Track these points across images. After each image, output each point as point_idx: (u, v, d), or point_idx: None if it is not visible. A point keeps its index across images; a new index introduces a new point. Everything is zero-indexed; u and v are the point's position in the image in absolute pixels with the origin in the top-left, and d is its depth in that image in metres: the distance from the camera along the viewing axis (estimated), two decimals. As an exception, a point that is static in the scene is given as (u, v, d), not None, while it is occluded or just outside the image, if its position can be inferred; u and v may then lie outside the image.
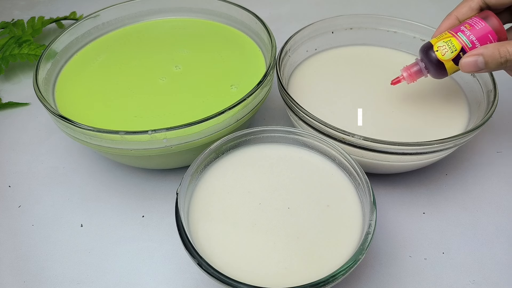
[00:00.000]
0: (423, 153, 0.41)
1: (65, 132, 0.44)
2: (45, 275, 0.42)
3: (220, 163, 0.42)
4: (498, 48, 0.38)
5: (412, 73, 0.44)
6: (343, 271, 0.32)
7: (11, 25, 0.71)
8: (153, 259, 0.43)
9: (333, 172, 0.41)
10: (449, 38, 0.41)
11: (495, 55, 0.38)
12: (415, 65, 0.44)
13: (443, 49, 0.41)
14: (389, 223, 0.45)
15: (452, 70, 0.42)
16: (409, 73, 0.45)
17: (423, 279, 0.41)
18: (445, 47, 0.41)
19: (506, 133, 0.55)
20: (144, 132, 0.39)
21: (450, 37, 0.41)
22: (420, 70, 0.44)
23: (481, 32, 0.40)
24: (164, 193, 0.49)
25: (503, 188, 0.49)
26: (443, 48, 0.41)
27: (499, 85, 0.47)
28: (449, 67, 0.42)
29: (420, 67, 0.44)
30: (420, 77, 0.45)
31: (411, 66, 0.45)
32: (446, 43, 0.41)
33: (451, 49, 0.41)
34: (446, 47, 0.41)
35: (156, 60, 0.54)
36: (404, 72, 0.45)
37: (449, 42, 0.41)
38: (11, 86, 0.66)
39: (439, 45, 0.41)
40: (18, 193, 0.50)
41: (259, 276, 0.34)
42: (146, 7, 0.60)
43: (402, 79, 0.45)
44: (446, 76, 0.43)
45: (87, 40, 0.58)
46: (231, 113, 0.42)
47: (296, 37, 0.54)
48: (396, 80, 0.46)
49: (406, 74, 0.45)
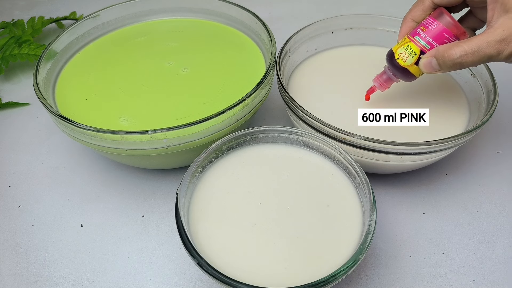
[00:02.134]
0: (423, 153, 0.41)
1: (65, 132, 0.44)
2: (45, 275, 0.42)
3: (220, 163, 0.42)
4: (446, 51, 0.38)
5: (383, 82, 0.46)
6: (343, 271, 0.32)
7: (11, 25, 0.71)
8: (153, 259, 0.43)
9: (333, 172, 0.41)
10: (408, 44, 0.42)
11: (444, 58, 0.38)
12: (384, 74, 0.46)
13: (404, 55, 0.42)
14: (389, 223, 0.45)
15: (418, 72, 0.43)
16: (380, 82, 0.46)
17: (423, 279, 0.41)
18: (405, 53, 0.42)
19: (506, 133, 0.55)
20: (144, 132, 0.39)
21: (408, 42, 0.42)
22: (389, 78, 0.45)
23: (436, 32, 0.40)
24: (164, 193, 0.49)
25: (503, 188, 0.49)
26: (403, 54, 0.42)
27: (499, 85, 0.47)
28: (414, 71, 0.43)
29: (388, 75, 0.45)
30: (392, 83, 0.46)
31: (380, 76, 0.46)
32: (406, 49, 0.42)
33: (411, 54, 0.42)
34: (406, 53, 0.42)
35: (156, 60, 0.54)
36: (375, 82, 0.47)
37: (407, 47, 0.42)
38: (11, 86, 0.66)
39: (399, 52, 0.42)
40: (18, 193, 0.50)
41: (259, 276, 0.34)
42: (146, 7, 0.60)
43: (375, 88, 0.47)
44: (416, 78, 0.44)
45: (87, 40, 0.58)
46: (231, 113, 0.42)
47: (296, 37, 0.54)
48: (370, 91, 0.48)
49: (378, 84, 0.47)
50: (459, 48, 0.37)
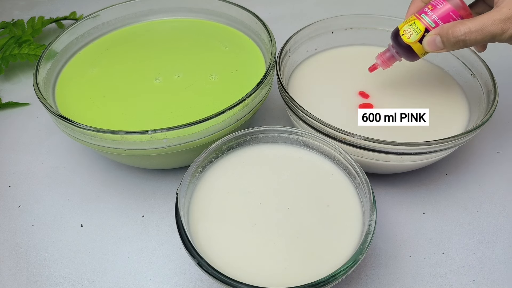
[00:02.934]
0: (423, 153, 0.41)
1: (65, 132, 0.44)
2: (45, 275, 0.42)
3: (220, 163, 0.42)
4: (450, 28, 0.38)
5: (385, 59, 0.46)
6: (343, 271, 0.32)
7: (11, 25, 0.71)
8: (153, 259, 0.43)
9: (333, 172, 0.41)
10: (413, 21, 0.42)
11: (448, 35, 0.39)
12: (387, 51, 0.46)
13: (408, 32, 0.42)
14: (389, 223, 0.45)
15: (421, 51, 0.43)
16: (383, 59, 0.46)
17: (423, 279, 0.41)
18: (409, 30, 0.42)
19: (506, 133, 0.55)
20: (144, 132, 0.39)
21: (414, 20, 0.42)
22: (392, 56, 0.45)
23: (442, 11, 0.40)
24: (164, 193, 0.49)
25: (503, 188, 0.49)
26: (408, 31, 0.42)
27: (499, 85, 0.47)
28: (417, 49, 0.43)
29: (391, 53, 0.45)
30: (394, 62, 0.46)
31: (383, 53, 0.46)
32: (411, 26, 0.42)
33: (416, 31, 0.42)
34: (411, 29, 0.42)
35: (156, 60, 0.54)
36: (378, 59, 0.47)
37: (413, 24, 0.42)
38: (11, 86, 0.66)
39: (404, 29, 0.43)
40: (18, 193, 0.50)
41: (259, 276, 0.34)
42: (146, 7, 0.60)
43: (377, 66, 0.47)
44: (418, 58, 0.44)
45: (87, 40, 0.58)
46: (231, 113, 0.42)
47: (296, 37, 0.54)
48: (372, 67, 0.48)
49: (380, 61, 0.47)
50: (463, 25, 0.38)
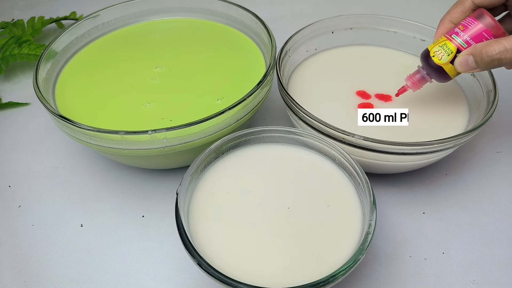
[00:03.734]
0: (423, 153, 0.41)
1: (65, 132, 0.44)
2: (45, 275, 0.42)
3: (220, 163, 0.42)
4: (484, 47, 0.38)
5: (416, 81, 0.45)
6: (343, 271, 0.32)
7: (11, 25, 0.71)
8: (153, 259, 0.43)
9: (333, 172, 0.41)
10: (444, 42, 0.41)
11: (482, 54, 0.38)
12: (417, 73, 0.45)
13: (439, 53, 0.42)
14: (389, 223, 0.45)
15: (453, 72, 0.42)
16: (413, 81, 0.45)
17: (423, 279, 0.41)
18: (440, 51, 0.41)
19: (506, 133, 0.55)
20: (144, 132, 0.39)
21: (445, 41, 0.41)
22: (423, 77, 0.45)
23: (474, 31, 0.40)
24: (164, 193, 0.49)
25: (503, 188, 0.49)
26: (439, 52, 0.42)
27: (499, 85, 0.47)
28: (449, 70, 0.42)
29: (422, 75, 0.44)
30: (424, 84, 0.45)
31: (413, 75, 0.45)
32: (442, 47, 0.41)
33: (447, 52, 0.41)
34: (442, 51, 0.41)
35: (156, 60, 0.54)
36: (408, 82, 0.46)
37: (444, 45, 0.41)
38: (11, 86, 0.66)
39: (435, 50, 0.42)
40: (18, 193, 0.50)
41: (259, 276, 0.34)
42: (146, 7, 0.60)
43: (407, 88, 0.46)
44: (450, 79, 0.43)
45: (87, 40, 0.58)
46: (231, 113, 0.42)
47: (296, 37, 0.54)
48: (401, 90, 0.47)
49: (410, 83, 0.46)
50: (498, 44, 0.37)
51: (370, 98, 0.51)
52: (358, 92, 0.51)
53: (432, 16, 0.55)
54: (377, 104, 0.50)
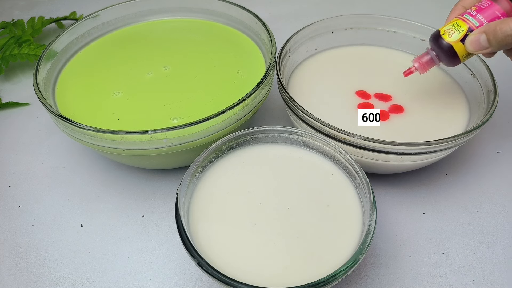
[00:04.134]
0: (423, 153, 0.41)
1: (65, 132, 0.44)
2: (45, 275, 0.42)
3: (220, 163, 0.42)
4: (498, 25, 0.37)
5: (424, 63, 0.44)
6: (343, 271, 0.32)
7: (11, 25, 0.71)
8: (153, 259, 0.43)
9: (333, 172, 0.41)
10: (456, 21, 0.41)
11: (496, 31, 0.37)
12: (426, 55, 0.44)
13: (450, 31, 0.41)
14: (389, 223, 0.45)
15: (463, 53, 0.41)
16: (421, 63, 0.44)
17: (423, 279, 0.41)
18: (451, 29, 0.41)
19: (506, 133, 0.55)
20: (144, 132, 0.39)
21: (456, 20, 0.41)
22: (431, 59, 0.43)
23: (489, 12, 0.39)
24: (164, 193, 0.49)
25: (503, 188, 0.49)
26: (449, 30, 0.41)
27: (499, 85, 0.47)
28: (459, 49, 0.41)
29: (431, 56, 0.43)
30: (432, 66, 0.44)
31: (422, 56, 0.44)
32: (453, 26, 0.41)
33: (458, 30, 0.40)
34: (453, 29, 0.40)
35: (156, 60, 0.54)
36: (415, 63, 0.45)
37: (455, 24, 0.40)
38: (11, 86, 0.66)
39: (446, 28, 0.41)
40: (18, 193, 0.50)
41: (259, 276, 0.34)
42: (146, 7, 0.60)
43: (414, 70, 0.45)
44: (459, 62, 0.42)
45: (87, 40, 0.58)
46: (231, 113, 0.42)
47: (296, 37, 0.54)
48: (408, 71, 0.45)
49: (418, 65, 0.44)
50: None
51: (370, 98, 0.51)
52: (358, 92, 0.51)
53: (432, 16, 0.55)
54: (377, 104, 0.50)
